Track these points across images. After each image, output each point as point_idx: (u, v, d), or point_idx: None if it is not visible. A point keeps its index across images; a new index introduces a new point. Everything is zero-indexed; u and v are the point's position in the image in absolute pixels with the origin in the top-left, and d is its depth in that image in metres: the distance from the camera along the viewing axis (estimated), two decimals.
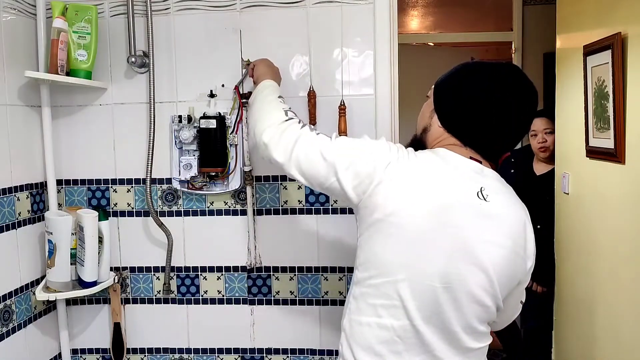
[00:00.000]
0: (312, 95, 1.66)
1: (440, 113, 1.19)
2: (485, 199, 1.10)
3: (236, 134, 1.68)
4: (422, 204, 1.07)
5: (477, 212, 1.08)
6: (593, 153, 1.96)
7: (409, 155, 1.14)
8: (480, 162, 1.15)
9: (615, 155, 1.74)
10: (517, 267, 1.13)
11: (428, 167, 1.12)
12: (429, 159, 1.14)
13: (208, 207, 1.76)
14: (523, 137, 1.20)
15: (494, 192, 1.12)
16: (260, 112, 1.27)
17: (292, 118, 1.23)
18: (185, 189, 1.73)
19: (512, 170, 2.83)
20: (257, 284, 1.77)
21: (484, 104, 1.12)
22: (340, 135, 1.21)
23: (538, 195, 2.67)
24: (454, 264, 1.07)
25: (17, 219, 1.60)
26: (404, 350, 1.09)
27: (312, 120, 1.66)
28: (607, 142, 1.81)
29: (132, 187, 1.77)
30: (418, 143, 1.24)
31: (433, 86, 1.22)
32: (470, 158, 1.15)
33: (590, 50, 1.93)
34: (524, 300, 1.26)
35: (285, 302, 1.77)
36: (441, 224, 1.07)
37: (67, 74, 1.63)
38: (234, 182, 1.71)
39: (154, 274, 1.79)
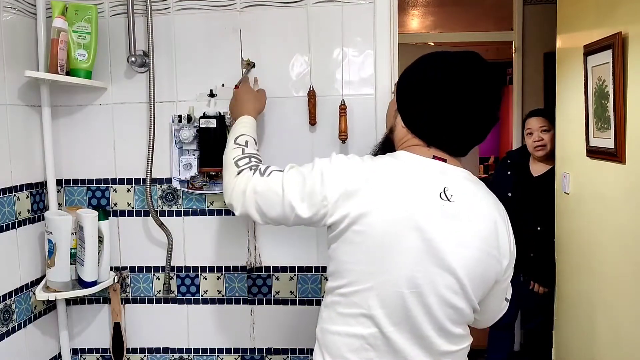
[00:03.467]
0: (312, 95, 1.66)
1: (402, 112, 1.17)
2: (449, 200, 1.07)
3: None
4: (383, 211, 1.06)
5: (441, 213, 1.06)
6: (593, 153, 1.96)
7: (365, 164, 1.12)
8: (445, 161, 1.13)
9: (616, 155, 1.74)
10: (490, 267, 1.11)
11: (387, 173, 1.10)
12: (387, 164, 1.12)
13: (208, 207, 1.76)
14: (492, 127, 1.16)
15: (459, 191, 1.09)
16: (223, 170, 1.30)
17: (242, 169, 1.23)
18: (185, 189, 1.72)
19: (509, 172, 2.82)
20: (257, 284, 1.77)
21: (440, 97, 1.10)
22: (293, 168, 1.18)
23: (537, 197, 2.67)
24: (421, 268, 1.05)
25: (17, 218, 1.60)
26: (376, 357, 1.09)
27: (312, 120, 1.66)
28: (607, 142, 1.81)
29: (132, 186, 1.77)
30: (389, 142, 1.23)
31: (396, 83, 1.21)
32: (434, 157, 1.12)
33: (590, 50, 1.92)
34: (509, 298, 1.25)
35: (285, 302, 1.77)
36: (404, 228, 1.05)
37: (67, 74, 1.63)
38: None
39: (154, 274, 1.79)
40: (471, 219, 1.08)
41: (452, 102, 1.10)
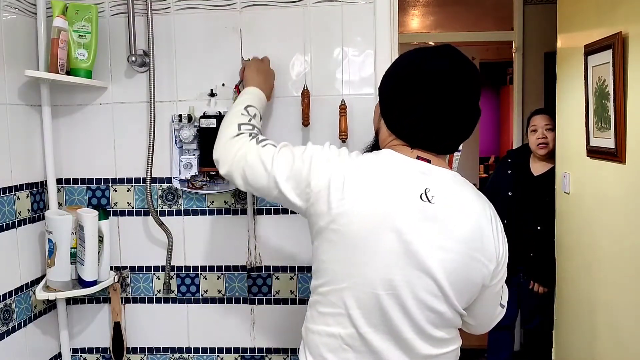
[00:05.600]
0: (305, 95, 1.64)
1: (383, 116, 1.16)
2: (429, 201, 1.05)
3: None
4: (361, 210, 1.04)
5: (421, 215, 1.04)
6: (594, 153, 1.96)
7: (350, 160, 1.10)
8: (429, 161, 1.10)
9: (616, 155, 1.74)
10: (474, 270, 1.07)
11: (369, 172, 1.08)
12: (370, 162, 1.10)
13: (208, 207, 1.76)
14: (475, 121, 1.12)
15: (441, 193, 1.06)
16: (221, 128, 1.30)
17: (242, 133, 1.24)
18: (186, 188, 1.72)
19: (509, 171, 2.82)
20: (257, 284, 1.77)
21: (415, 97, 1.08)
22: (287, 146, 1.18)
23: (537, 197, 2.67)
24: (398, 270, 1.03)
25: (17, 218, 1.60)
26: (354, 358, 1.09)
27: (305, 121, 1.65)
28: (607, 141, 1.81)
29: (132, 186, 1.77)
30: (378, 145, 1.22)
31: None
32: (418, 158, 1.10)
33: (591, 49, 1.92)
34: (505, 304, 1.21)
35: (285, 301, 1.77)
36: (382, 229, 1.03)
37: (67, 73, 1.63)
38: None
39: (154, 274, 1.79)
40: (453, 221, 1.05)
41: (426, 100, 1.07)
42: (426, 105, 1.07)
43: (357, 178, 1.07)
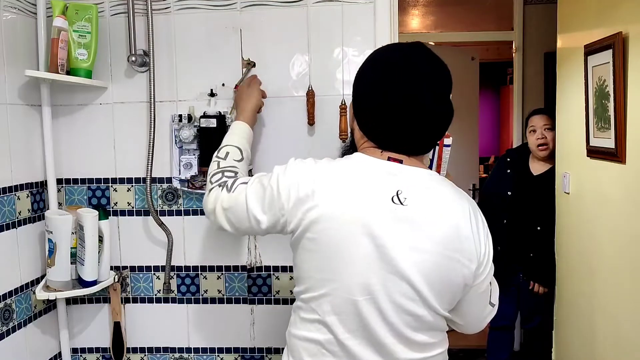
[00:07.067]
0: (310, 95, 1.65)
1: (355, 116, 1.15)
2: (401, 203, 1.03)
3: None
4: (333, 216, 1.04)
5: (393, 217, 1.02)
6: (594, 153, 1.96)
7: (318, 167, 1.09)
8: (401, 162, 1.08)
9: (616, 154, 1.74)
10: (453, 271, 1.05)
11: (338, 177, 1.07)
12: (339, 167, 1.09)
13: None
14: (447, 121, 1.09)
15: (414, 194, 1.04)
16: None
17: (213, 188, 1.24)
18: (186, 188, 1.72)
19: (508, 171, 2.82)
20: (257, 284, 1.77)
21: (381, 97, 1.06)
22: (257, 179, 1.18)
23: (536, 196, 2.67)
24: (373, 274, 1.03)
25: (17, 218, 1.60)
26: None
27: (311, 120, 1.66)
28: (607, 141, 1.81)
29: (132, 186, 1.77)
30: (354, 145, 1.21)
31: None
32: (389, 159, 1.08)
33: (591, 49, 1.92)
34: (495, 302, 1.17)
35: (285, 301, 1.77)
36: (355, 234, 1.03)
37: (68, 73, 1.63)
38: None
39: (154, 273, 1.79)
40: (427, 222, 1.03)
41: (393, 100, 1.05)
42: (393, 105, 1.05)
43: (327, 185, 1.06)
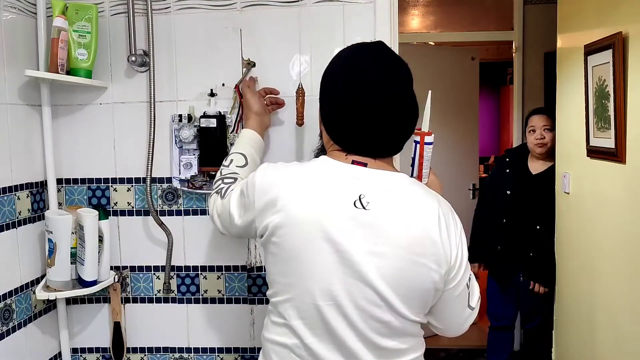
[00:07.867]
0: (300, 93, 1.62)
1: (322, 119, 1.15)
2: (364, 207, 1.02)
3: (236, 133, 1.67)
4: (295, 221, 1.03)
5: (354, 222, 1.01)
6: (594, 152, 1.96)
7: (282, 171, 1.10)
8: (366, 165, 1.06)
9: (616, 154, 1.74)
10: (420, 276, 1.02)
11: (301, 181, 1.07)
12: (303, 171, 1.09)
13: (208, 207, 1.76)
14: (412, 122, 1.08)
15: (378, 198, 1.03)
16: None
17: (212, 195, 1.31)
18: (186, 188, 1.72)
19: (508, 170, 2.82)
20: (257, 284, 1.77)
21: (340, 97, 1.06)
22: (237, 186, 1.23)
23: (536, 195, 2.67)
24: (336, 279, 1.02)
25: (17, 218, 1.60)
26: None
27: (300, 120, 1.61)
28: (607, 141, 1.81)
29: (132, 186, 1.77)
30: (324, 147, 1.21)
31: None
32: (353, 162, 1.06)
33: (591, 49, 1.93)
34: (474, 305, 1.14)
35: None
36: (316, 239, 1.02)
37: (68, 73, 1.63)
38: None
39: (154, 273, 1.79)
40: (391, 226, 1.01)
41: (354, 102, 1.04)
42: (354, 107, 1.05)
43: (291, 190, 1.06)
